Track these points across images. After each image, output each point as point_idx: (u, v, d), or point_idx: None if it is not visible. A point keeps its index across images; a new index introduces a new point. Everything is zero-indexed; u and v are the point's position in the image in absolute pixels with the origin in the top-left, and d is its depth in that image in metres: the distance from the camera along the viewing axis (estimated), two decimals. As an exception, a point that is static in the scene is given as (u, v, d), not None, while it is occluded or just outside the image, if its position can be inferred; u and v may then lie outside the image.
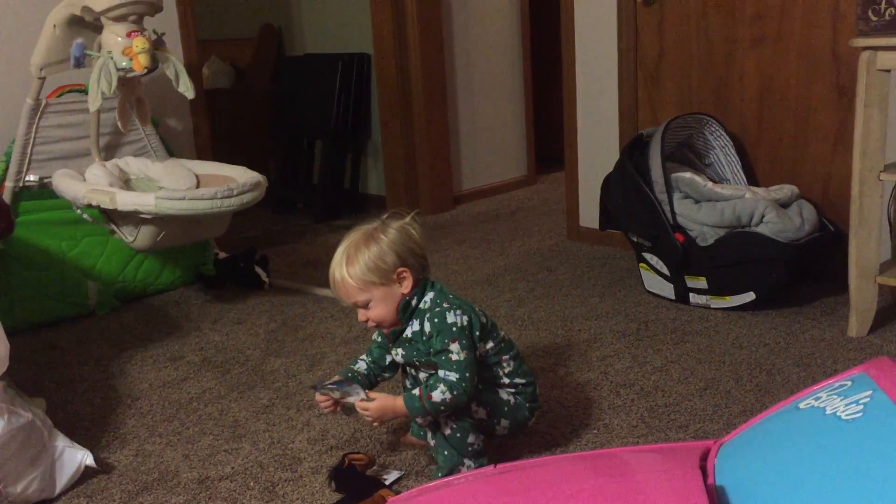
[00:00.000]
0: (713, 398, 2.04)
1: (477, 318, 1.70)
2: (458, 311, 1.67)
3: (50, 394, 2.21)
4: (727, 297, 2.56)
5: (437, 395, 1.61)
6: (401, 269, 1.68)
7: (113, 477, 1.85)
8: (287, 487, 1.77)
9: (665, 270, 2.67)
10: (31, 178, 2.74)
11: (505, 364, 1.75)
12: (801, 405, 0.97)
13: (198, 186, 2.70)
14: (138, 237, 2.55)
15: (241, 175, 2.69)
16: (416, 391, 1.64)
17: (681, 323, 2.53)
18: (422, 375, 1.75)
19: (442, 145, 4.16)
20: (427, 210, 4.12)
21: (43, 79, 2.66)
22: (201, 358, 2.49)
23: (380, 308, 1.69)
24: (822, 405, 0.94)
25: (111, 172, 2.68)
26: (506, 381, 1.75)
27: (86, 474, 1.82)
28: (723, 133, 2.80)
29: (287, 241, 3.84)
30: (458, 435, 1.67)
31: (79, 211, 2.64)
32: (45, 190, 2.75)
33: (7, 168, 2.74)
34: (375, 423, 1.72)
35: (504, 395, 1.73)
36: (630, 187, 2.70)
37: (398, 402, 1.65)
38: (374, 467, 1.80)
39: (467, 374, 1.63)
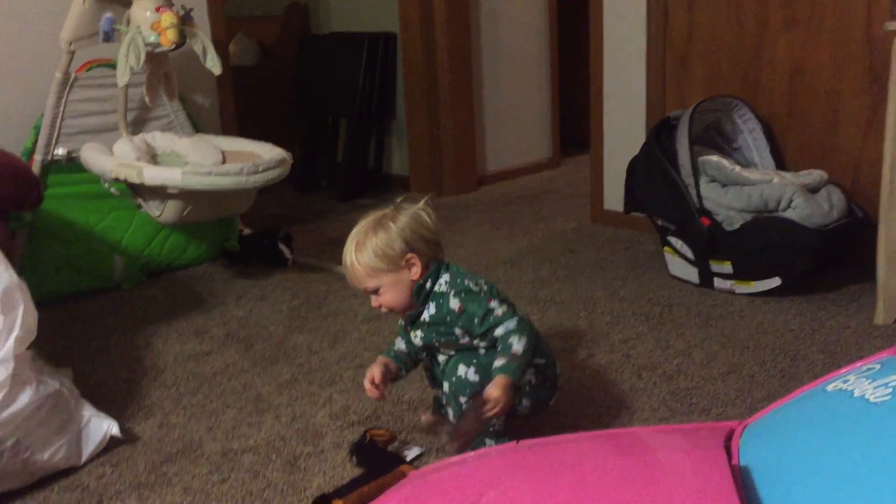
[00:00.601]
0: (736, 383, 2.03)
1: (490, 289, 1.71)
2: (478, 279, 1.70)
3: (76, 365, 2.24)
4: (752, 283, 2.54)
5: (517, 345, 1.61)
6: (409, 256, 1.67)
7: (138, 447, 1.87)
8: (309, 461, 1.78)
9: (690, 254, 2.65)
10: (60, 151, 2.76)
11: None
12: (829, 388, 0.96)
13: (223, 162, 2.71)
14: (165, 212, 2.57)
15: (267, 152, 2.70)
16: (500, 360, 1.61)
17: (705, 307, 2.51)
18: (440, 358, 1.75)
19: (467, 126, 4.14)
20: (450, 191, 4.12)
21: (72, 53, 2.68)
22: (225, 333, 2.51)
23: (390, 294, 1.70)
24: (849, 388, 0.93)
25: (138, 147, 2.70)
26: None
27: (111, 443, 1.84)
28: (752, 116, 2.77)
29: (310, 219, 3.86)
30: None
31: (106, 185, 2.66)
32: (73, 164, 2.78)
33: (36, 141, 2.76)
34: (497, 411, 1.60)
35: (525, 374, 1.73)
36: (656, 170, 2.68)
37: (501, 384, 1.59)
38: (395, 443, 1.81)
39: (518, 316, 1.65)
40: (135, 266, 2.95)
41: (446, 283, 1.70)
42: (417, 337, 1.75)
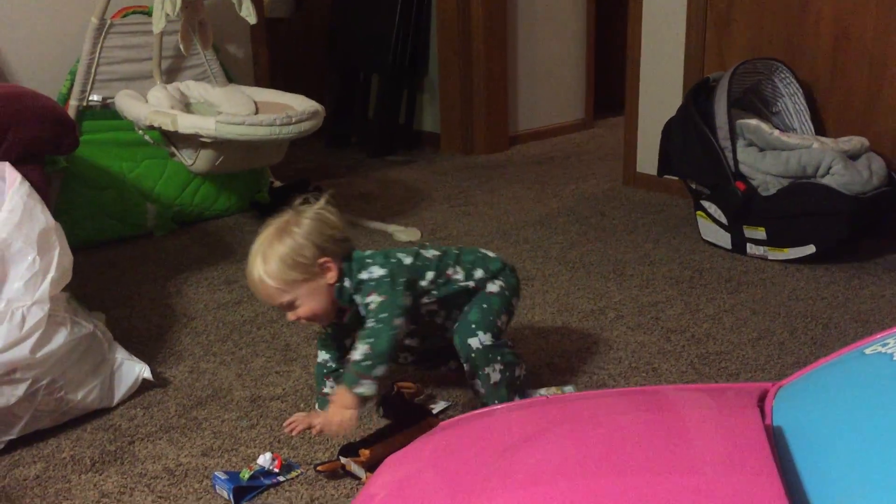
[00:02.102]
0: (766, 348, 2.01)
1: (398, 263, 1.63)
2: (376, 267, 1.60)
3: (109, 309, 2.27)
4: (785, 250, 2.51)
5: (357, 354, 1.51)
6: (322, 260, 1.57)
7: (169, 391, 1.90)
8: (336, 411, 1.80)
9: (723, 219, 2.62)
10: (95, 97, 2.77)
11: (458, 275, 1.68)
12: (867, 351, 0.95)
13: (256, 113, 2.71)
14: (197, 160, 2.58)
15: (300, 104, 2.69)
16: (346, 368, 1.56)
17: (736, 273, 2.49)
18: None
19: (500, 84, 4.10)
20: (481, 150, 4.09)
21: (108, -1, 2.68)
22: (255, 283, 2.53)
23: (308, 305, 1.59)
24: (889, 351, 0.91)
25: (172, 95, 2.70)
26: (471, 284, 1.68)
27: (143, 387, 1.87)
28: (793, 80, 2.71)
29: (340, 174, 3.85)
30: (508, 374, 1.67)
31: (140, 132, 2.67)
32: (107, 110, 2.79)
33: (71, 87, 2.77)
34: (330, 431, 1.52)
35: (479, 294, 1.67)
36: (692, 133, 2.64)
37: (338, 394, 1.51)
38: (422, 397, 1.82)
39: (382, 315, 1.54)
40: (166, 214, 2.97)
41: (364, 274, 1.60)
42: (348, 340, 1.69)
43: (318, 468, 1.55)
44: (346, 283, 1.60)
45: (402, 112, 4.27)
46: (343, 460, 1.55)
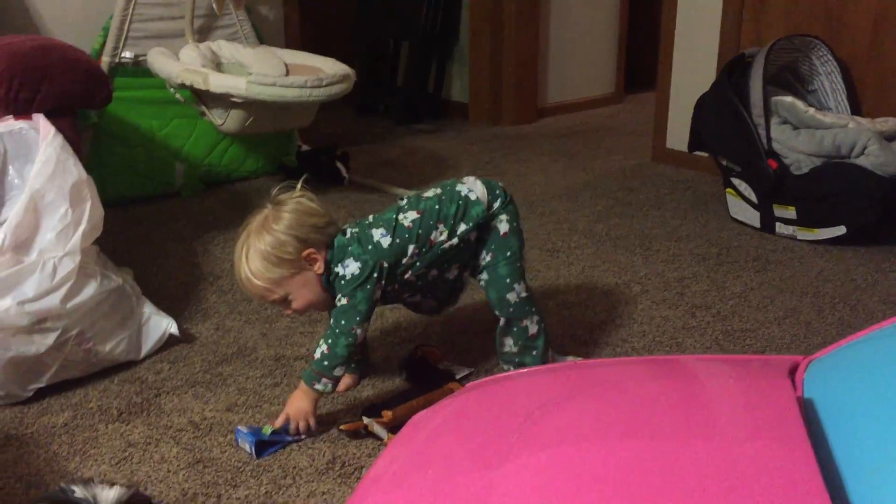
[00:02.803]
0: (792, 328, 2.00)
1: (375, 250, 1.58)
2: (348, 262, 1.57)
3: (136, 266, 2.29)
4: (815, 230, 2.48)
5: (317, 352, 1.55)
6: (307, 252, 1.54)
7: (195, 347, 1.92)
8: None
9: (753, 197, 2.59)
10: (127, 54, 2.78)
11: (441, 236, 1.63)
12: (903, 327, 0.94)
13: (287, 75, 2.70)
14: (228, 120, 2.58)
15: (330, 67, 2.68)
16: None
17: (764, 251, 2.46)
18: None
19: (530, 56, 4.06)
20: (509, 121, 4.07)
21: (143, -45, 2.67)
22: (280, 245, 2.54)
23: (301, 298, 1.57)
24: (925, 328, 0.90)
25: (204, 55, 2.70)
26: (455, 241, 1.63)
27: (169, 341, 1.89)
28: (831, 58, 2.66)
29: (368, 140, 3.84)
30: (543, 324, 1.69)
31: (172, 90, 2.67)
32: (139, 67, 2.80)
33: (104, 43, 2.78)
34: (300, 424, 1.55)
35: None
36: (725, 109, 2.60)
37: (300, 388, 1.56)
38: (445, 362, 1.83)
39: (342, 322, 1.55)
40: (194, 174, 2.98)
41: (350, 261, 1.57)
42: None
43: (341, 428, 1.57)
44: (339, 268, 1.57)
45: (430, 80, 4.24)
46: (366, 420, 1.57)
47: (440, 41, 4.16)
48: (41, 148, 1.75)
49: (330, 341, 1.56)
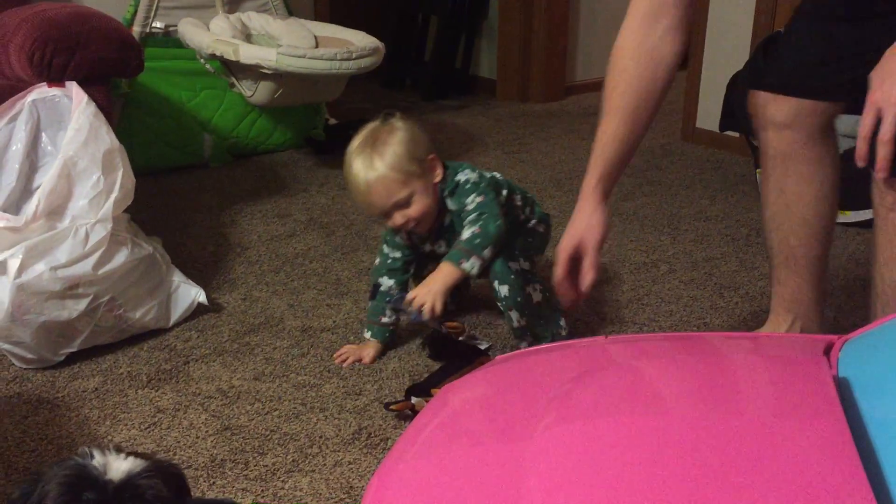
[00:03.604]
0: (825, 310, 1.97)
1: (483, 173, 1.67)
2: (468, 171, 1.64)
3: (165, 235, 2.30)
4: (847, 212, 2.44)
5: (466, 232, 1.57)
6: (431, 156, 1.59)
7: (222, 316, 1.94)
8: (385, 345, 1.82)
9: (784, 178, 2.56)
10: (158, 25, 2.79)
11: (519, 202, 1.76)
12: (943, 308, 0.92)
13: (316, 47, 2.70)
14: (257, 92, 2.58)
15: (360, 40, 2.67)
16: (454, 246, 1.60)
17: (794, 233, 2.44)
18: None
19: (559, 32, 4.02)
20: (537, 98, 4.04)
21: (174, -75, 2.67)
22: (307, 217, 2.55)
23: (421, 202, 1.59)
24: (966, 310, 0.89)
25: (234, 26, 2.70)
26: (522, 216, 1.77)
27: (198, 310, 1.91)
28: (868, 39, 2.61)
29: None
30: (549, 294, 1.69)
31: (202, 60, 2.68)
32: (169, 38, 2.80)
33: (135, 13, 2.79)
34: (433, 307, 1.58)
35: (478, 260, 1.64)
36: (759, 88, 2.56)
37: (440, 270, 1.57)
38: (463, 337, 1.83)
39: (491, 209, 1.58)
40: (223, 145, 2.99)
41: (462, 179, 1.64)
42: (441, 247, 1.70)
43: (391, 408, 1.56)
44: (449, 183, 1.63)
45: (458, 56, 4.22)
46: (414, 400, 1.56)
47: (469, 17, 4.13)
48: (74, 115, 1.76)
49: (480, 223, 1.56)
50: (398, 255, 1.75)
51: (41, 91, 1.86)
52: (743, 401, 0.82)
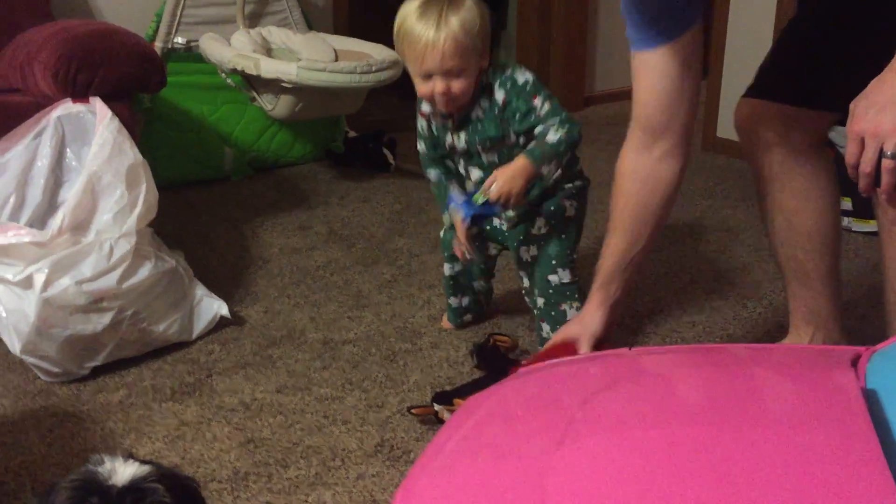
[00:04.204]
0: (847, 320, 1.95)
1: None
2: (525, 71, 1.61)
3: (187, 248, 2.32)
4: (871, 221, 2.41)
5: (552, 136, 1.55)
6: (484, 44, 1.57)
7: (245, 329, 1.95)
8: (407, 357, 1.82)
9: (806, 188, 2.54)
10: (179, 40, 2.81)
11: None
12: (972, 319, 0.91)
13: (336, 61, 2.71)
14: (277, 106, 2.60)
15: (379, 53, 2.68)
16: (532, 143, 1.57)
17: (817, 243, 2.42)
18: (474, 174, 1.70)
19: (578, 43, 4.03)
20: (556, 108, 4.04)
21: (195, -59, 2.70)
22: (328, 230, 2.56)
23: (467, 80, 1.57)
24: None
25: (254, 40, 2.72)
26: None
27: (220, 323, 1.92)
28: (890, 46, 2.60)
29: (412, 126, 3.80)
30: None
31: (223, 75, 2.70)
32: (190, 53, 2.83)
33: (157, 28, 2.82)
34: (513, 200, 1.57)
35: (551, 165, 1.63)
36: (780, 97, 2.55)
37: (517, 163, 1.55)
38: (516, 352, 1.82)
39: (565, 113, 1.58)
40: (243, 159, 3.01)
41: (494, 74, 1.61)
42: (460, 140, 1.66)
43: (413, 411, 1.57)
44: (488, 75, 1.60)
45: (477, 68, 4.22)
46: (437, 407, 1.56)
47: (487, 28, 4.13)
48: (98, 131, 1.78)
49: (566, 127, 1.56)
50: (427, 133, 1.76)
51: (66, 107, 1.88)
52: (770, 413, 0.81)
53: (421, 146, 1.79)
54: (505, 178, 1.55)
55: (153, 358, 1.80)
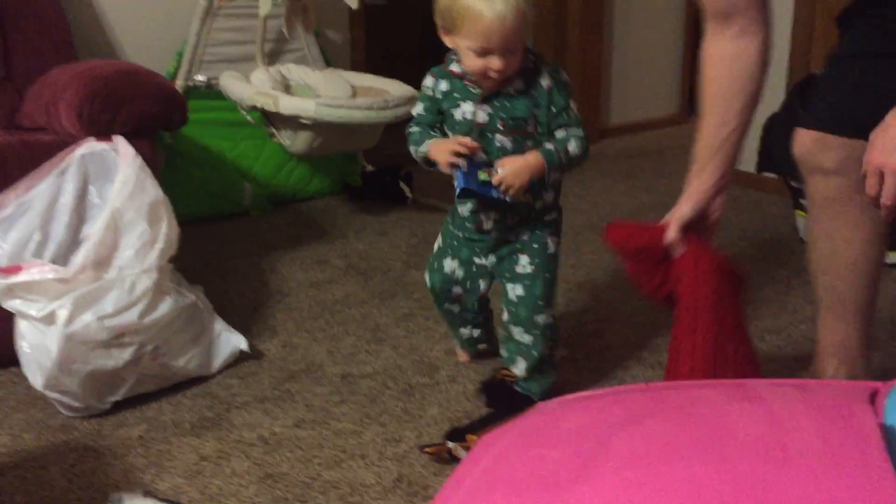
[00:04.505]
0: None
1: None
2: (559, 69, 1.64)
3: (207, 283, 2.34)
4: (891, 253, 2.41)
5: (573, 147, 1.58)
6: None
7: (263, 363, 1.96)
8: (424, 391, 1.83)
9: (824, 219, 2.53)
10: (200, 78, 2.86)
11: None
12: None
13: (354, 97, 2.75)
14: (296, 142, 2.64)
15: (396, 88, 2.72)
16: (550, 145, 1.58)
17: (836, 275, 2.41)
18: (481, 155, 1.66)
19: (593, 76, 4.06)
20: (572, 141, 4.06)
21: (216, -19, 2.76)
22: (346, 264, 2.58)
23: (517, 57, 1.55)
24: None
25: (274, 77, 2.77)
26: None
27: (239, 358, 1.94)
28: (905, 78, 2.60)
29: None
30: (553, 353, 1.73)
31: (243, 112, 2.74)
32: (210, 90, 2.88)
33: (178, 67, 2.87)
34: (512, 192, 1.58)
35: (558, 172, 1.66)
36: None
37: (531, 158, 1.56)
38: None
39: (582, 132, 1.61)
40: (262, 194, 3.05)
41: (539, 60, 1.61)
42: (482, 112, 1.62)
43: (426, 450, 1.57)
44: (528, 58, 1.60)
45: (493, 101, 4.26)
46: (450, 444, 1.56)
47: (503, 62, 4.17)
48: (121, 168, 1.81)
49: (584, 145, 1.61)
50: (426, 105, 1.74)
51: (90, 145, 1.91)
52: (787, 449, 0.81)
53: (419, 107, 1.75)
54: (515, 169, 1.56)
55: (173, 392, 1.82)
